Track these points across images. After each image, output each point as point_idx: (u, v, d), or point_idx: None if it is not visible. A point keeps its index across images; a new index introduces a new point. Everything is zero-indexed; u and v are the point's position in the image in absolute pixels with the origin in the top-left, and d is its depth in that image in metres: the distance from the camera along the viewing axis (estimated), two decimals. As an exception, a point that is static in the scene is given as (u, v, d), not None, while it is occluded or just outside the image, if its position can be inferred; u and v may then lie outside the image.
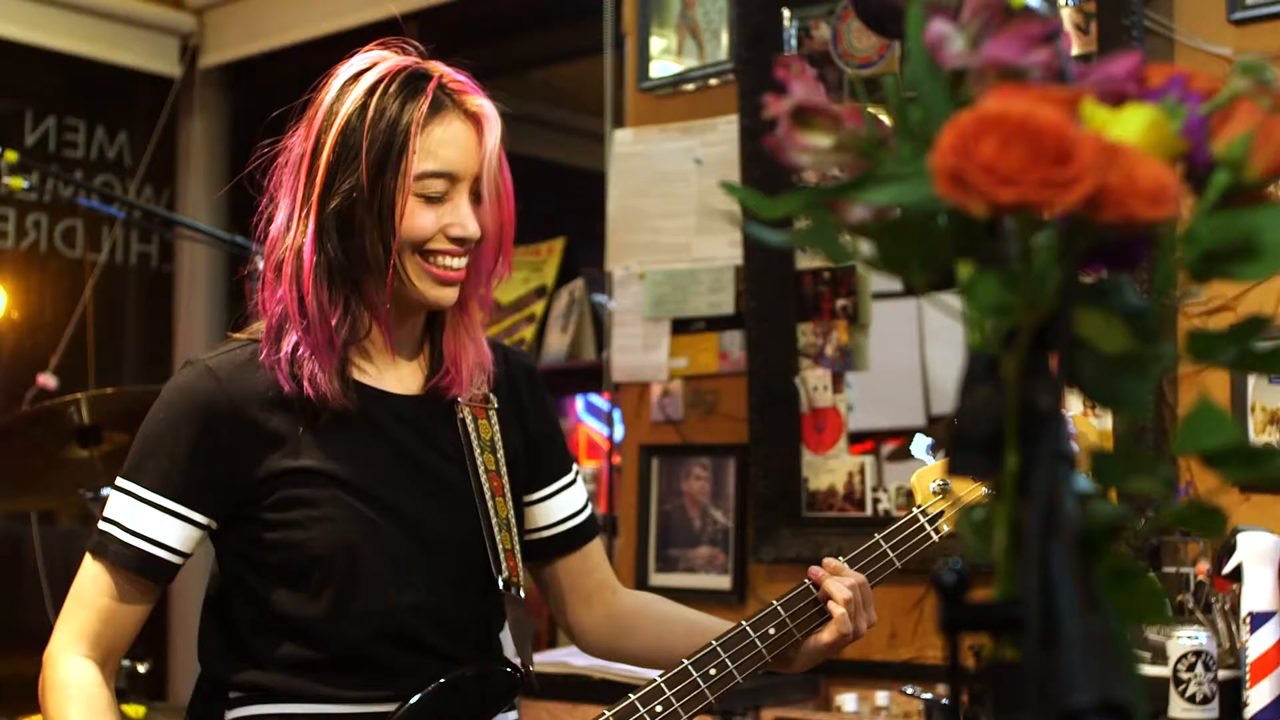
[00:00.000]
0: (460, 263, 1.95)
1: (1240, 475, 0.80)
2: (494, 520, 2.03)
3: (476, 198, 1.96)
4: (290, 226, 1.93)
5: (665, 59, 4.31)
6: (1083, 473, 0.81)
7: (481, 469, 2.03)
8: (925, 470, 2.18)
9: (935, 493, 2.13)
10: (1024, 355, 0.79)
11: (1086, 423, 2.23)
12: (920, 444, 2.18)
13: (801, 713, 3.59)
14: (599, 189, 4.38)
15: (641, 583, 4.17)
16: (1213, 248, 0.82)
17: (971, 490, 2.15)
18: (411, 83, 1.94)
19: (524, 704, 3.83)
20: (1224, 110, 0.84)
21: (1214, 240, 0.82)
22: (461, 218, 1.93)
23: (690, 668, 2.06)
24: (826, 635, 2.07)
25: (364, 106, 1.92)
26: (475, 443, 2.04)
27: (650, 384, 4.21)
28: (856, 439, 3.87)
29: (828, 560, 2.11)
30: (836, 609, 2.04)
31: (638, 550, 4.19)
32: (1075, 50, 3.49)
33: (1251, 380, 3.28)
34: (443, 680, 1.99)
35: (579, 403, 5.94)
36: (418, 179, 1.91)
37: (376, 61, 1.98)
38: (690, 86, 4.25)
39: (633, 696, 2.05)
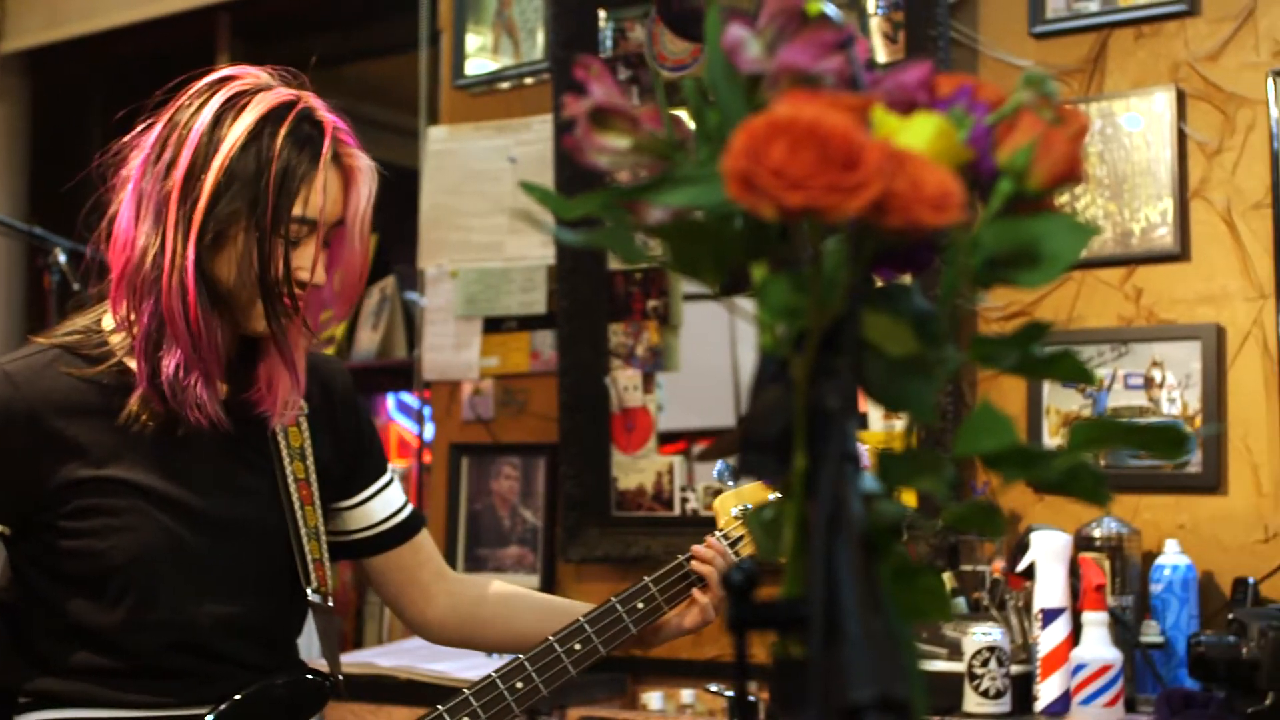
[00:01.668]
0: (296, 303, 1.94)
1: (1017, 476, 0.82)
2: (303, 529, 2.02)
3: (326, 244, 1.96)
4: (163, 243, 1.88)
5: (481, 57, 4.29)
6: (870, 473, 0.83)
7: (290, 478, 2.02)
8: (727, 495, 2.22)
9: (736, 517, 2.17)
10: (813, 357, 0.80)
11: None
12: (723, 469, 2.22)
13: (608, 712, 3.60)
14: (412, 186, 4.35)
15: (450, 582, 4.15)
16: (996, 254, 0.85)
17: (758, 488, 2.20)
18: (303, 127, 1.93)
19: (329, 706, 3.79)
20: (1009, 121, 0.86)
21: (997, 247, 0.85)
22: (308, 263, 1.93)
23: (555, 644, 2.11)
24: (691, 619, 2.14)
25: (255, 141, 1.90)
26: (285, 451, 2.02)
27: (461, 383, 4.19)
28: (666, 439, 3.90)
29: (711, 540, 2.16)
30: (703, 598, 2.13)
31: (446, 550, 4.17)
32: (884, 58, 3.56)
33: (1046, 384, 3.38)
34: (252, 689, 1.97)
35: (390, 401, 5.89)
36: (290, 221, 1.89)
37: (252, 88, 1.95)
38: (505, 85, 4.24)
39: (494, 674, 2.10)
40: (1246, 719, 2.74)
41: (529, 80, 4.18)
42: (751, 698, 2.34)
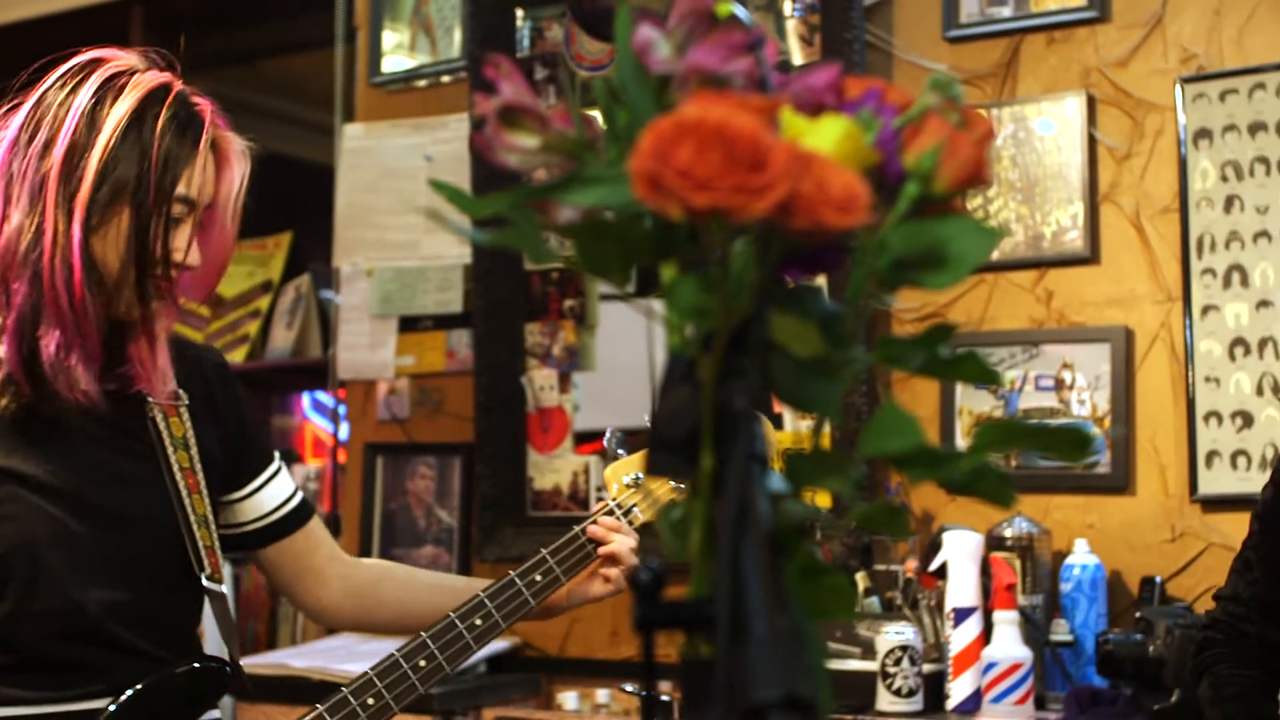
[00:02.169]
0: (172, 285, 1.94)
1: (923, 476, 0.83)
2: (192, 517, 2.00)
3: (200, 225, 1.98)
4: (40, 223, 1.87)
5: (398, 54, 4.27)
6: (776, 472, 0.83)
7: (176, 466, 2.01)
8: (618, 464, 2.24)
9: (628, 486, 2.19)
10: (720, 358, 0.80)
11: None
12: (612, 439, 2.24)
13: (523, 711, 3.59)
14: (328, 184, 4.32)
15: (364, 583, 4.13)
16: (903, 256, 0.85)
17: (663, 484, 2.21)
18: (182, 110, 1.95)
19: (240, 708, 3.76)
20: (915, 124, 0.87)
21: (904, 249, 0.85)
22: (184, 245, 1.94)
23: (456, 620, 2.11)
24: (598, 589, 2.17)
25: (138, 123, 1.91)
26: (168, 441, 2.01)
27: (376, 382, 4.17)
28: (583, 439, 3.90)
29: (603, 519, 2.17)
30: (614, 573, 2.14)
31: (361, 549, 4.14)
32: (799, 60, 3.58)
33: (959, 386, 3.41)
34: (151, 679, 1.94)
35: (305, 400, 5.84)
36: (173, 202, 1.90)
37: (128, 69, 1.95)
38: (422, 83, 4.22)
39: (396, 653, 2.09)
40: (1153, 716, 2.77)
41: (446, 78, 4.16)
42: (666, 697, 2.34)
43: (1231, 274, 3.19)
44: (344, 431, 4.32)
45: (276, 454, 2.22)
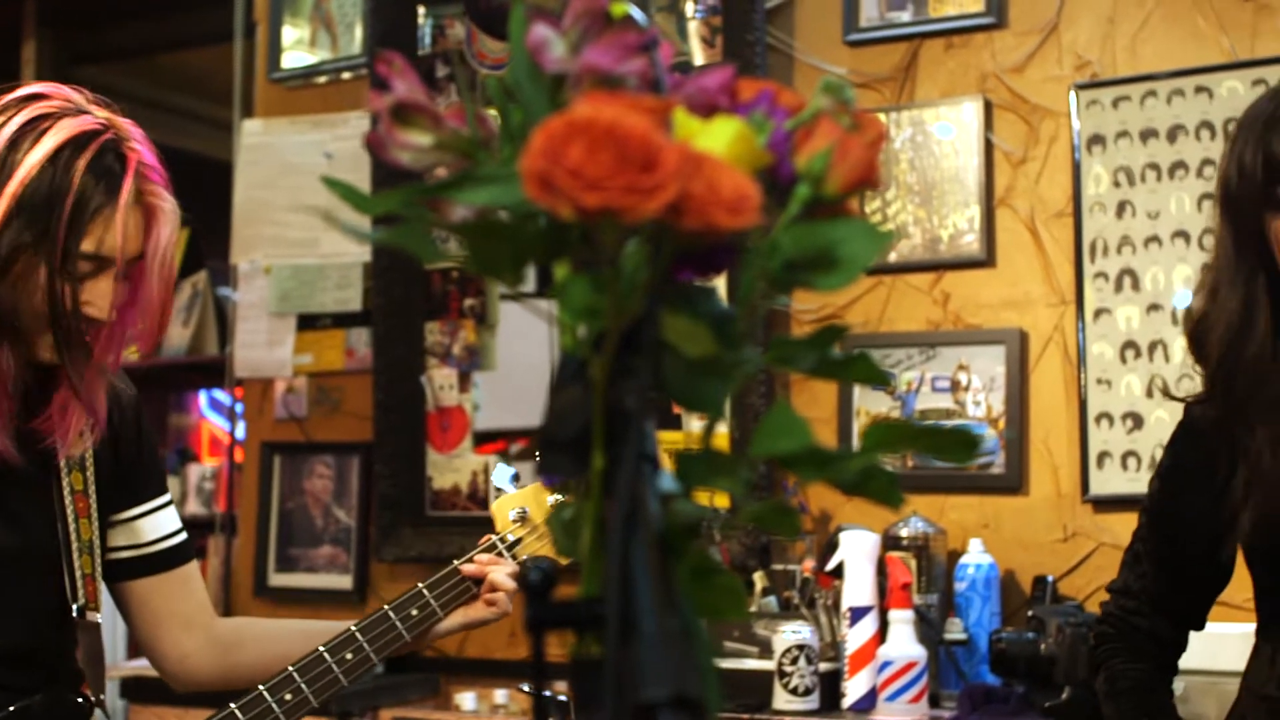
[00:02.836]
0: (86, 338, 1.86)
1: (813, 477, 0.84)
2: (75, 543, 1.93)
3: (126, 277, 1.88)
4: None
5: (297, 50, 4.24)
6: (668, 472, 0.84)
7: (68, 489, 1.94)
8: (505, 498, 2.19)
9: (514, 520, 2.15)
10: (612, 357, 0.80)
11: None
12: (502, 473, 2.21)
13: (421, 712, 3.58)
14: (226, 180, 4.27)
15: (261, 583, 4.09)
16: (794, 258, 0.86)
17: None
18: (106, 158, 1.83)
19: (134, 710, 3.71)
20: (807, 126, 0.87)
21: (795, 250, 0.86)
22: (100, 299, 1.84)
23: (325, 654, 2.03)
24: (478, 613, 2.09)
25: (50, 169, 1.79)
26: (63, 461, 1.94)
27: (274, 380, 4.13)
28: (483, 439, 3.89)
29: (480, 556, 2.11)
30: (499, 596, 2.07)
31: (257, 550, 4.10)
32: (701, 62, 3.59)
33: (857, 387, 3.44)
34: (10, 710, 1.88)
35: (201, 398, 5.78)
36: (79, 257, 1.81)
37: (57, 111, 1.84)
38: (322, 79, 4.19)
39: (261, 687, 2.00)
40: (1044, 713, 2.81)
41: (346, 75, 4.13)
42: (563, 697, 2.34)
43: (1123, 278, 3.24)
44: (241, 430, 4.27)
45: (170, 493, 2.13)
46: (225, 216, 4.23)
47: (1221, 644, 2.57)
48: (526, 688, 3.05)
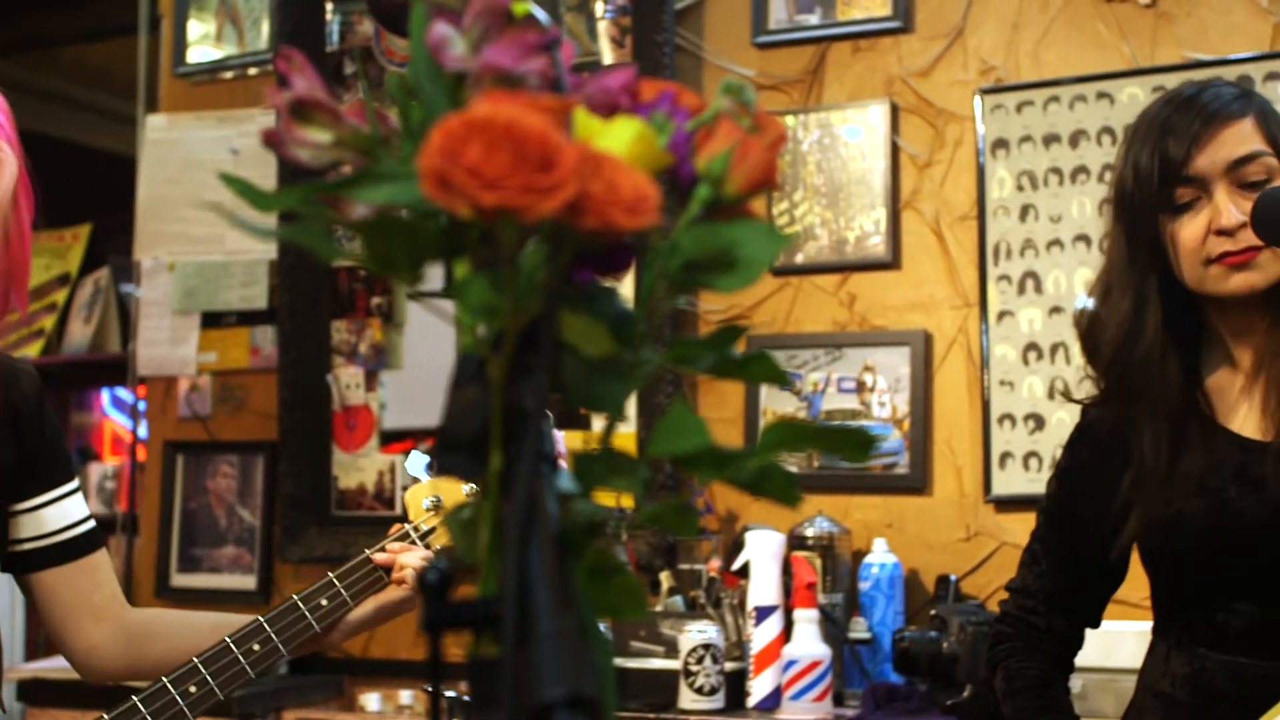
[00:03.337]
0: None
1: (711, 476, 0.84)
2: None
3: None
4: None
5: (204, 45, 4.19)
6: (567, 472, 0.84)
7: None
8: (418, 487, 2.17)
9: (427, 509, 2.13)
10: (510, 357, 0.80)
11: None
12: (416, 461, 2.18)
13: (324, 713, 3.55)
14: (129, 175, 4.22)
15: (163, 583, 4.04)
16: (694, 258, 0.86)
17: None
18: None
19: (30, 713, 3.65)
20: (708, 127, 0.88)
21: (695, 251, 0.86)
22: None
23: (231, 645, 1.99)
24: (388, 595, 2.05)
25: None
26: None
27: (178, 378, 4.09)
28: (389, 438, 3.86)
29: (392, 545, 2.08)
30: (407, 573, 2.03)
31: (159, 550, 4.05)
32: (610, 62, 3.59)
33: (764, 388, 3.45)
34: None
35: (104, 396, 5.70)
36: None
37: None
38: (228, 75, 4.15)
39: (165, 679, 1.96)
40: (946, 711, 2.84)
41: (253, 71, 4.09)
42: (469, 698, 2.31)
43: (1026, 280, 3.28)
44: (143, 429, 4.22)
45: (77, 479, 2.08)
46: (128, 212, 4.18)
47: (1119, 642, 2.61)
48: (429, 689, 3.03)
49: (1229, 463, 1.87)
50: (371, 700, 3.53)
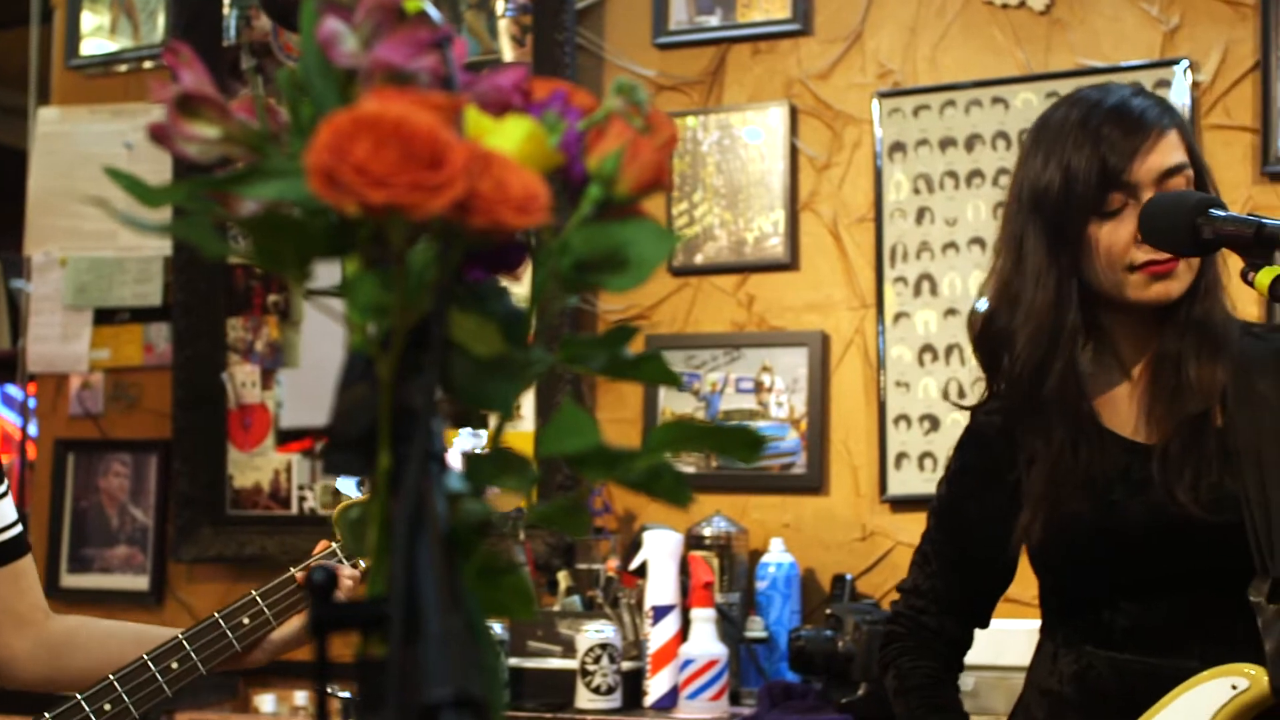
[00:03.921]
0: None
1: (600, 476, 0.84)
2: None
3: None
4: None
5: (98, 37, 4.13)
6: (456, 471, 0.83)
7: None
8: (348, 504, 2.14)
9: None
10: (399, 356, 0.79)
11: None
12: (346, 477, 2.16)
13: (219, 715, 3.51)
14: (20, 168, 4.14)
15: (52, 584, 3.97)
16: (585, 258, 0.86)
17: None
18: None
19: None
20: (599, 127, 0.88)
21: (586, 251, 0.86)
22: None
23: (149, 663, 1.95)
24: (297, 633, 2.02)
25: None
26: None
27: (69, 375, 4.02)
28: (286, 437, 3.83)
29: (316, 564, 2.04)
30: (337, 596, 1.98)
31: (49, 550, 3.99)
32: (510, 59, 3.58)
33: (663, 388, 3.46)
34: None
35: (-7, 393, 5.60)
36: None
37: None
38: (123, 68, 4.09)
39: (79, 696, 1.92)
40: (840, 709, 2.87)
41: (148, 64, 4.04)
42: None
43: (922, 283, 3.32)
44: (33, 427, 4.15)
45: (5, 482, 2.03)
46: (19, 206, 4.10)
47: (1009, 640, 2.64)
48: (328, 689, 3.01)
49: (1115, 465, 1.90)
50: (266, 701, 3.49)
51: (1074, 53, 3.24)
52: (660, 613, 3.08)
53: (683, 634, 3.07)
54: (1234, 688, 1.80)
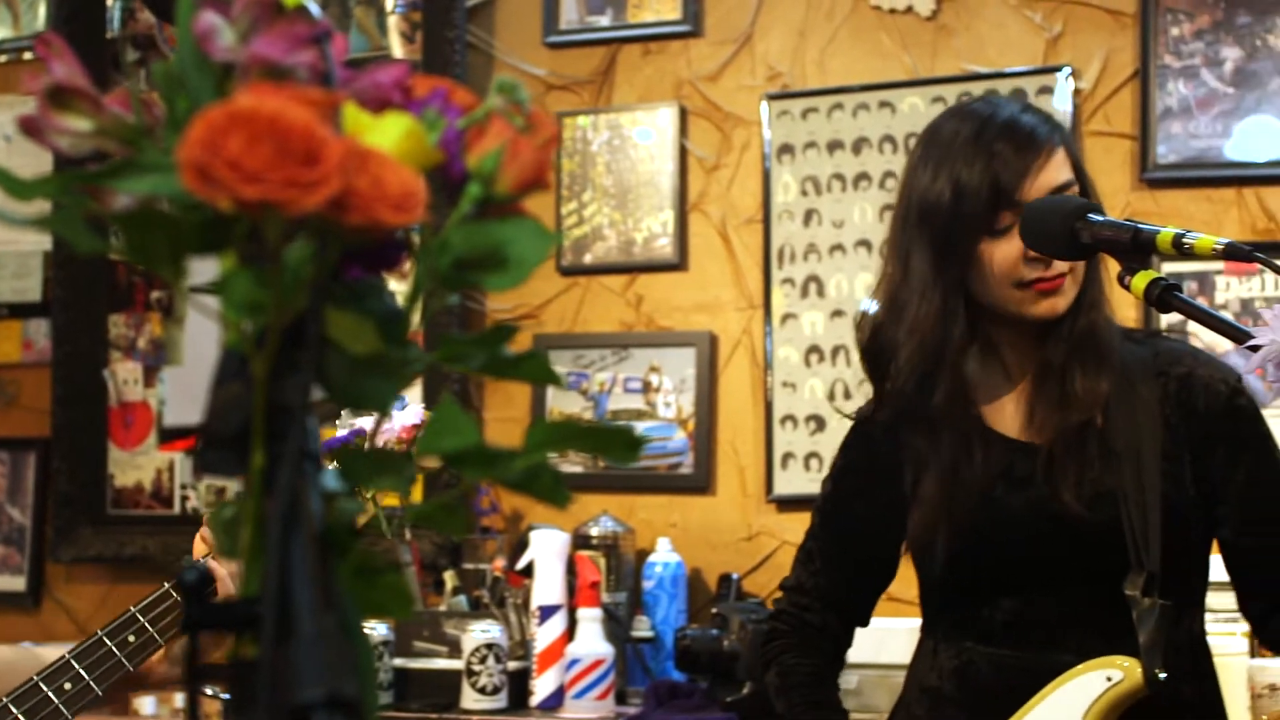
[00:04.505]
0: None
1: (479, 475, 0.84)
2: None
3: None
4: None
5: (-25, 26, 4.05)
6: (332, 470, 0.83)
7: None
8: (223, 503, 2.10)
9: None
10: (274, 354, 0.79)
11: None
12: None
13: (98, 718, 3.45)
14: (-107, 159, 4.05)
15: (-75, 585, 3.89)
16: (464, 256, 0.85)
17: None
18: None
19: None
20: (480, 126, 0.87)
21: (466, 249, 0.85)
22: None
23: (41, 683, 1.88)
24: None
25: None
26: None
27: (-56, 372, 3.94)
28: (168, 436, 3.78)
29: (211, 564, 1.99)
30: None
31: (-77, 550, 3.90)
32: (400, 56, 3.56)
33: (551, 388, 3.46)
34: None
35: None
36: None
37: None
38: (2, 58, 4.01)
39: None
40: (726, 707, 2.88)
41: (28, 55, 3.97)
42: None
43: (809, 284, 3.34)
44: (-94, 424, 4.06)
45: None
46: (-107, 199, 4.01)
47: (892, 638, 2.67)
48: (209, 690, 2.97)
49: (997, 463, 1.93)
50: (146, 704, 3.44)
51: (959, 58, 3.28)
52: (547, 612, 3.07)
53: (569, 634, 3.07)
54: (1109, 680, 1.83)
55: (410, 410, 1.81)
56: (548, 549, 3.11)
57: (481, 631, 3.01)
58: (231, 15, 0.87)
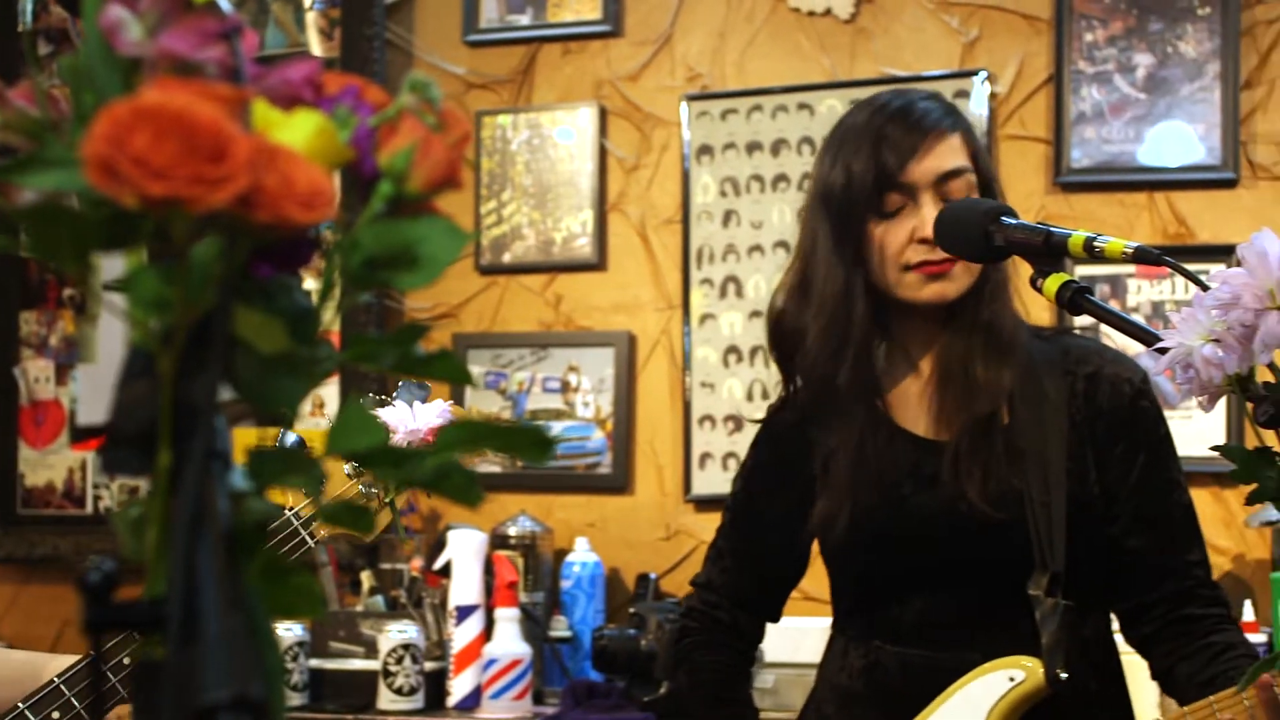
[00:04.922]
0: None
1: (389, 475, 0.83)
2: None
3: None
4: None
5: (-116, 18, 3.97)
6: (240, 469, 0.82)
7: None
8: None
9: None
10: (181, 352, 0.78)
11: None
12: None
13: None
14: None
15: None
16: (375, 255, 0.85)
17: None
18: None
19: None
20: (392, 123, 0.87)
21: (377, 248, 0.85)
22: None
23: (27, 711, 1.78)
24: None
25: None
26: None
27: None
28: (81, 435, 3.73)
29: None
30: None
31: None
32: (319, 54, 3.54)
33: (469, 388, 3.45)
34: None
35: None
36: None
37: None
38: (-90, 50, 3.94)
39: None
40: (643, 706, 2.88)
41: (-62, 47, 3.90)
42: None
43: (728, 284, 3.35)
44: None
45: None
46: None
47: (807, 638, 2.68)
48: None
49: (906, 461, 1.94)
50: (57, 706, 3.40)
51: (877, 61, 3.31)
52: (464, 613, 3.06)
53: (486, 634, 3.06)
54: (1011, 679, 1.85)
55: (435, 408, 1.78)
56: (465, 549, 3.10)
57: (398, 632, 2.99)
58: (139, 9, 0.86)
